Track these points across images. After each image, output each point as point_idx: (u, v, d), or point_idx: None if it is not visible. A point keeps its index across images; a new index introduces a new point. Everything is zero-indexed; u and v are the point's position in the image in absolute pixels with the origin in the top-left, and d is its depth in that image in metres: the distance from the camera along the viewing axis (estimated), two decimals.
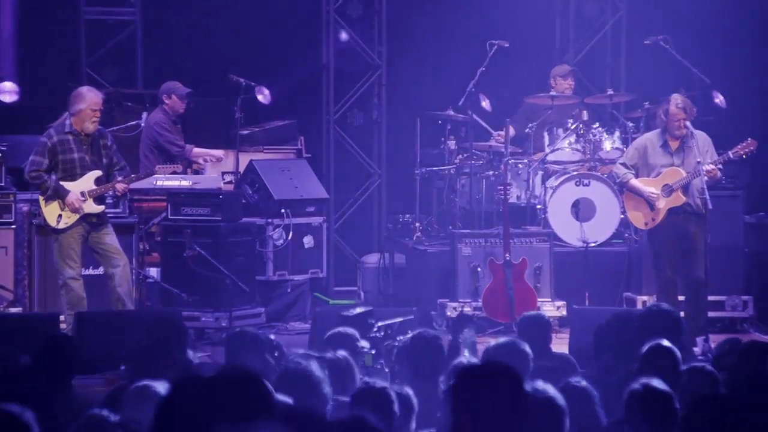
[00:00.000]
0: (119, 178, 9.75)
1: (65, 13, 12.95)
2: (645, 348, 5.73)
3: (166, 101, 11.69)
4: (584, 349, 7.75)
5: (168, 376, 4.80)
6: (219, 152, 11.91)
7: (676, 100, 9.60)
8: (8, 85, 12.21)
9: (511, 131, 12.07)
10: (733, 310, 10.89)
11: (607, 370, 6.21)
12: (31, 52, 12.63)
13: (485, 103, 12.04)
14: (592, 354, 6.77)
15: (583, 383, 5.03)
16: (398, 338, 7.46)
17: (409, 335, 6.66)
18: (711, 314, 10.03)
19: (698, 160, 9.44)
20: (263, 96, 12.10)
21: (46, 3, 12.79)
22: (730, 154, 9.67)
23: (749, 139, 9.68)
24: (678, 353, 5.79)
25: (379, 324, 7.75)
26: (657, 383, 4.79)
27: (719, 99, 11.59)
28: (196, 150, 11.75)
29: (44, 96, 12.18)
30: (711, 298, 9.92)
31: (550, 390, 4.31)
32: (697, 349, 9.17)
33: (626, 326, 6.28)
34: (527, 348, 6.05)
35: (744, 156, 9.73)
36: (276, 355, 6.62)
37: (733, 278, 10.85)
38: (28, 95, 12.32)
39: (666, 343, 5.84)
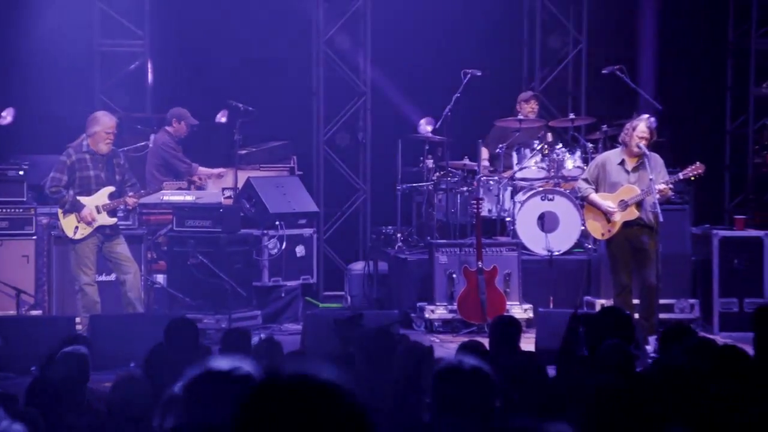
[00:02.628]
0: (130, 194, 9.78)
1: (81, 45, 12.97)
2: (601, 346, 5.77)
3: (174, 124, 11.73)
4: (548, 347, 7.82)
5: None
6: (220, 170, 11.98)
7: (648, 121, 9.54)
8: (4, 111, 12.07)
9: (485, 153, 12.16)
10: (682, 312, 10.94)
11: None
12: (51, 80, 12.65)
13: (428, 128, 12.05)
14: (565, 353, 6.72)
15: None
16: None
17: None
18: (662, 316, 10.05)
19: (651, 177, 9.48)
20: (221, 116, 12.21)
21: (65, 36, 12.82)
22: (681, 175, 9.66)
23: (698, 162, 9.71)
24: (630, 351, 5.84)
25: None
26: None
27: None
28: (201, 169, 11.83)
29: (62, 120, 12.20)
30: (662, 301, 9.94)
31: None
32: (649, 347, 9.23)
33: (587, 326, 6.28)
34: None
35: (693, 178, 9.76)
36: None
37: (681, 283, 10.89)
38: (48, 119, 12.33)
39: (619, 341, 5.88)
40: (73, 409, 4.73)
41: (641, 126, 9.50)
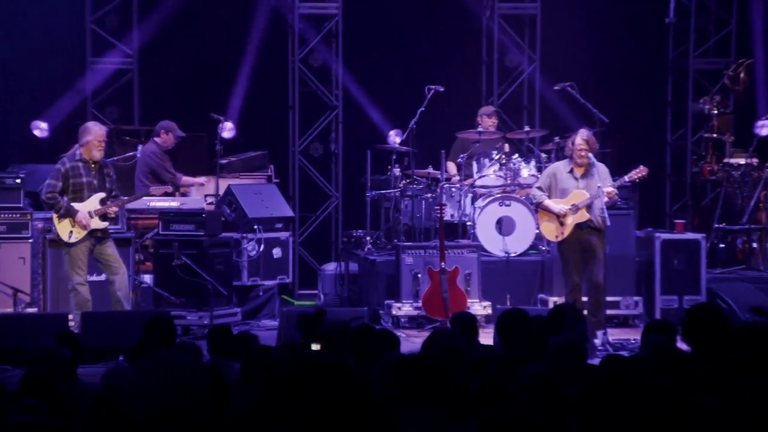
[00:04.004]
0: (110, 203, 9.69)
1: (74, 62, 12.94)
2: (552, 341, 5.76)
3: (163, 136, 11.68)
4: None
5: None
6: (203, 179, 11.95)
7: (582, 134, 9.64)
8: (44, 124, 12.22)
9: (452, 167, 12.21)
10: (627, 308, 11.00)
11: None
12: (47, 95, 12.60)
13: (397, 139, 12.17)
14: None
15: None
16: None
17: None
18: (609, 312, 10.11)
19: (599, 185, 9.54)
20: (228, 131, 12.19)
21: (61, 55, 12.79)
22: (626, 178, 9.74)
23: (641, 166, 9.79)
24: (581, 344, 5.84)
25: None
26: None
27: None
28: (185, 179, 11.80)
29: (56, 132, 12.16)
30: (609, 298, 9.97)
31: None
32: (597, 341, 9.27)
33: (522, 322, 6.18)
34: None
35: (638, 180, 9.82)
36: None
37: (626, 282, 10.94)
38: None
39: (570, 336, 5.88)
40: (58, 401, 4.71)
41: (578, 140, 9.60)
